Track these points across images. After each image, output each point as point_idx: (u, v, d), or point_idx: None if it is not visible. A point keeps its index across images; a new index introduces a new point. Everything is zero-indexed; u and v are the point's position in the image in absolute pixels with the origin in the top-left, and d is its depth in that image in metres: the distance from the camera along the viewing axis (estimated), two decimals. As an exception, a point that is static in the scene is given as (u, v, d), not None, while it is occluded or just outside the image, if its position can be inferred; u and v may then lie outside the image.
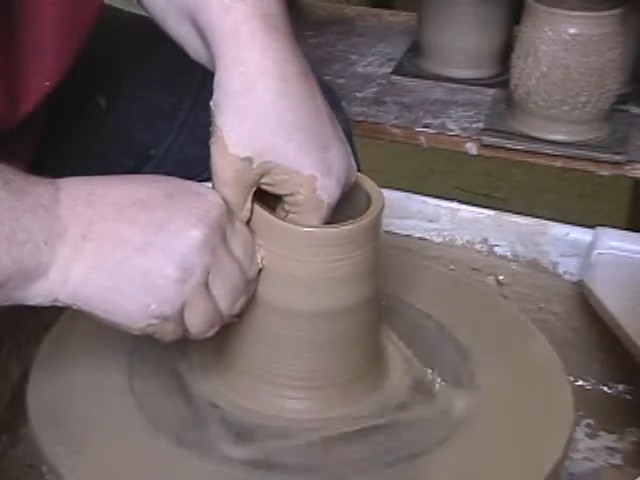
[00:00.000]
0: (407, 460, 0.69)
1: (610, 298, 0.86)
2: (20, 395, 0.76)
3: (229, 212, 0.67)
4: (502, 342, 0.81)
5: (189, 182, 0.68)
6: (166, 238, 0.63)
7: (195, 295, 0.64)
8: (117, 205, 0.65)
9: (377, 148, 1.48)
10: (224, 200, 0.67)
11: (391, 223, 0.96)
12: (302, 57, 0.71)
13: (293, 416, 0.72)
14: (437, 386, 0.76)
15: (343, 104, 1.18)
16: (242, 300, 0.68)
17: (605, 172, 1.41)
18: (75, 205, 0.64)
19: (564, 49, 1.36)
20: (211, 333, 0.68)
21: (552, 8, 1.37)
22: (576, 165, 1.42)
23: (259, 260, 0.69)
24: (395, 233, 0.98)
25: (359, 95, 1.57)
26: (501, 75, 1.59)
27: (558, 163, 1.43)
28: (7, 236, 0.61)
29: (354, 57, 1.71)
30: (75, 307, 0.65)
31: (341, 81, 1.61)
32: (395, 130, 1.49)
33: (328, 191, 0.69)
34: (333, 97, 1.06)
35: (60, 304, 0.65)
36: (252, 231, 0.69)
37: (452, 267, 0.96)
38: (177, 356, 0.77)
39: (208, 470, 0.67)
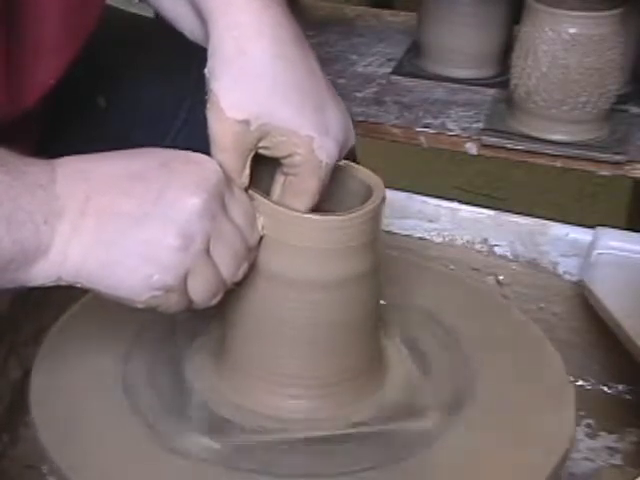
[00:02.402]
0: (405, 460, 0.69)
1: (610, 298, 0.86)
2: (20, 395, 0.76)
3: (227, 179, 0.67)
4: (502, 341, 0.81)
5: (184, 151, 0.67)
6: (164, 207, 0.63)
7: (197, 263, 0.64)
8: (114, 179, 0.64)
9: (377, 148, 1.48)
10: (222, 167, 0.67)
11: (391, 223, 0.96)
12: (295, 23, 0.71)
13: (290, 416, 0.72)
14: (437, 386, 0.76)
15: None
16: (244, 267, 0.68)
17: (605, 172, 1.41)
18: (72, 182, 0.64)
19: (564, 49, 1.36)
20: (215, 301, 0.67)
21: (552, 8, 1.36)
22: (576, 165, 1.42)
23: (260, 227, 0.69)
24: (395, 233, 0.98)
25: (359, 95, 1.57)
26: (501, 75, 1.59)
27: (558, 163, 1.42)
28: (6, 217, 0.61)
29: (354, 57, 1.71)
30: (79, 285, 0.65)
31: (341, 81, 1.61)
32: (395, 130, 1.49)
33: (326, 151, 0.69)
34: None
35: (63, 283, 0.65)
36: (252, 198, 0.69)
37: (452, 267, 0.96)
38: (176, 355, 0.77)
39: (201, 472, 0.67)
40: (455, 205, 0.98)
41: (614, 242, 0.91)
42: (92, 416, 0.72)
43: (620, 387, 0.88)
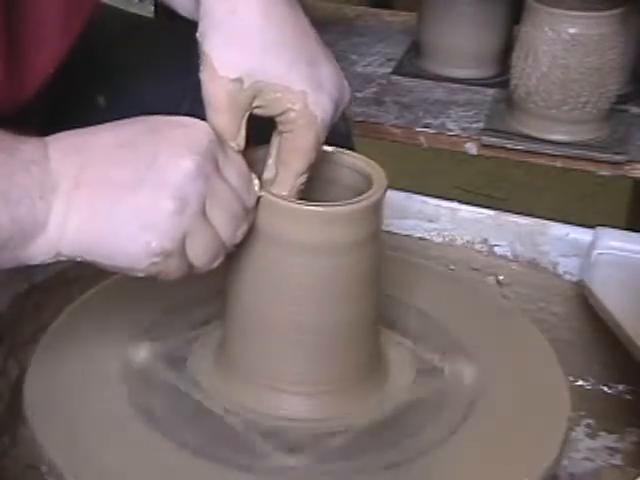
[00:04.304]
0: (405, 462, 0.69)
1: (610, 298, 0.86)
2: (19, 395, 0.76)
3: (219, 140, 0.66)
4: (502, 342, 0.81)
5: (174, 117, 0.67)
6: (157, 172, 0.63)
7: (194, 225, 0.64)
8: (105, 149, 0.65)
9: (377, 148, 1.48)
10: (215, 129, 0.67)
11: (391, 223, 0.96)
12: None
13: (293, 416, 0.72)
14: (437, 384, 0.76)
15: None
16: (243, 228, 0.68)
17: (605, 172, 1.41)
18: (64, 156, 0.64)
19: (564, 49, 1.36)
20: (215, 264, 0.67)
21: (552, 8, 1.37)
22: (576, 165, 1.42)
23: (256, 188, 0.68)
24: (395, 233, 0.98)
25: (359, 95, 1.57)
26: (501, 75, 1.59)
27: (558, 163, 1.43)
28: (3, 194, 0.61)
29: (354, 57, 1.71)
30: (78, 259, 0.65)
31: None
32: (395, 130, 1.49)
33: (321, 106, 0.69)
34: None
35: (63, 258, 0.65)
36: (247, 159, 0.69)
37: (452, 267, 0.96)
38: (178, 354, 0.77)
39: (203, 469, 0.67)
40: (455, 205, 0.98)
41: (614, 242, 0.91)
42: (92, 416, 0.71)
43: (620, 387, 0.88)
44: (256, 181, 0.68)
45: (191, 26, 0.78)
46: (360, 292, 0.72)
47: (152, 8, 1.91)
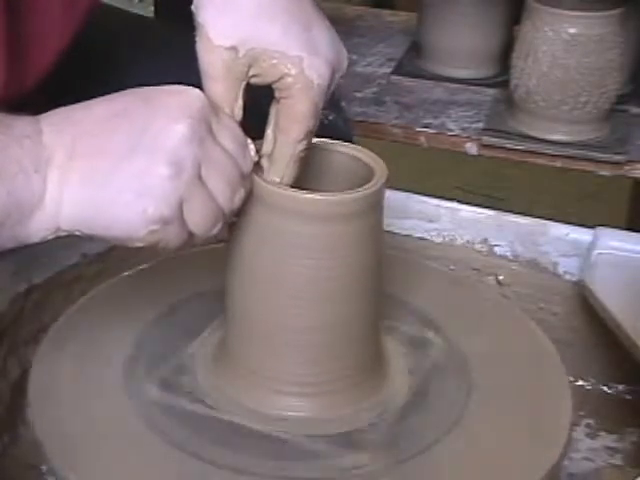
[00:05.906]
0: (404, 462, 0.69)
1: (610, 298, 0.86)
2: (19, 395, 0.77)
3: (213, 105, 0.66)
4: (502, 342, 0.81)
5: (166, 86, 0.67)
6: (151, 139, 0.63)
7: (191, 190, 0.63)
8: (98, 120, 0.64)
9: (377, 148, 1.48)
10: (212, 99, 0.67)
11: (391, 223, 0.96)
12: None
13: (293, 416, 0.72)
14: (435, 388, 0.76)
15: (343, 104, 1.18)
16: (241, 193, 0.67)
17: (605, 172, 1.41)
18: (57, 129, 0.64)
19: (564, 49, 1.36)
20: (215, 231, 0.66)
21: (552, 8, 1.37)
22: (576, 165, 1.42)
23: (252, 154, 0.68)
24: (395, 233, 0.97)
25: (359, 95, 1.57)
26: (501, 75, 1.59)
27: (558, 163, 1.43)
28: None
29: (354, 57, 1.71)
30: (78, 233, 0.64)
31: (341, 81, 1.61)
32: (395, 130, 1.49)
33: (317, 70, 0.69)
34: (333, 97, 1.06)
35: (63, 233, 0.64)
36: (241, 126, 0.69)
37: (452, 267, 0.96)
38: (178, 354, 0.77)
39: (202, 471, 0.67)
40: (455, 205, 0.98)
41: (614, 242, 0.91)
42: (93, 416, 0.71)
43: (620, 387, 0.88)
44: (252, 146, 0.68)
45: (191, 26, 0.79)
46: (360, 288, 0.72)
47: (152, 8, 1.92)
